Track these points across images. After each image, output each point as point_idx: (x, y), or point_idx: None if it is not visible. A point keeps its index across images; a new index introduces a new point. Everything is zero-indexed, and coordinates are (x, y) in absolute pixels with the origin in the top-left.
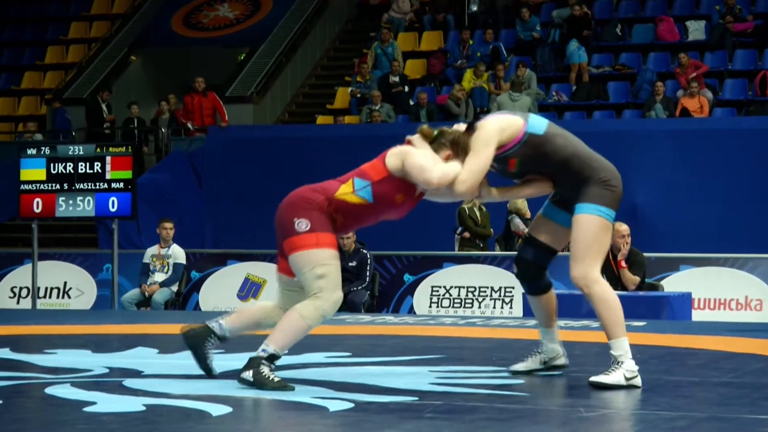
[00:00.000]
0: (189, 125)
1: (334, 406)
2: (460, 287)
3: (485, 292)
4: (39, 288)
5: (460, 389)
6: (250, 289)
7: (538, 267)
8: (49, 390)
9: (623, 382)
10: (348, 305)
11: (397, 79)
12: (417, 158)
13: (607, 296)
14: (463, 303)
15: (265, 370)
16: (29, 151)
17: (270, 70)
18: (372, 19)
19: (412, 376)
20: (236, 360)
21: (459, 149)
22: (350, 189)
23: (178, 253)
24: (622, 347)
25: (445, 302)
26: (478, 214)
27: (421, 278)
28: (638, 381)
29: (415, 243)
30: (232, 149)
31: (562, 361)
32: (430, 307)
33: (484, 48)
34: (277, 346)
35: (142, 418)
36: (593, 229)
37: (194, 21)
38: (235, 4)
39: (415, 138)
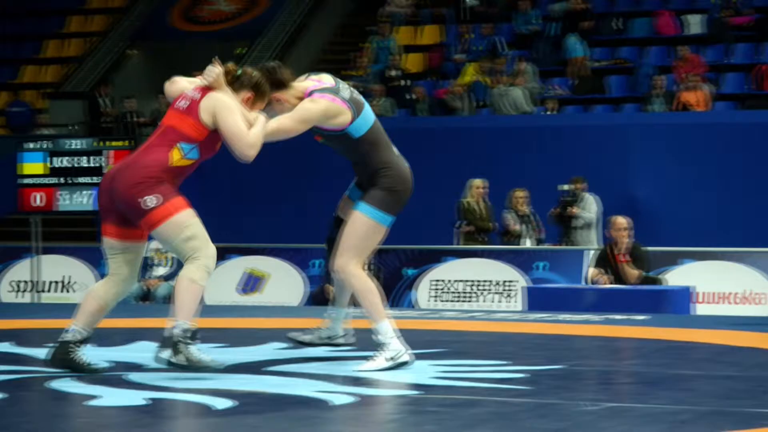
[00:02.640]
0: None
1: (337, 399)
2: (461, 281)
3: (486, 285)
4: (41, 282)
5: (462, 383)
6: (251, 283)
7: None
8: (51, 384)
9: (388, 365)
10: (350, 300)
11: (395, 73)
12: (232, 124)
13: (365, 286)
14: (464, 297)
15: (192, 350)
16: (29, 145)
17: None
18: (370, 13)
19: (414, 370)
20: (242, 354)
21: (260, 94)
22: (180, 155)
23: None
24: (385, 331)
25: (446, 296)
26: (479, 207)
27: (422, 272)
28: (406, 357)
29: (415, 237)
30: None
31: (341, 340)
32: (431, 301)
33: (483, 42)
34: (187, 318)
35: (144, 412)
36: (365, 229)
37: (192, 15)
38: None
39: (216, 76)
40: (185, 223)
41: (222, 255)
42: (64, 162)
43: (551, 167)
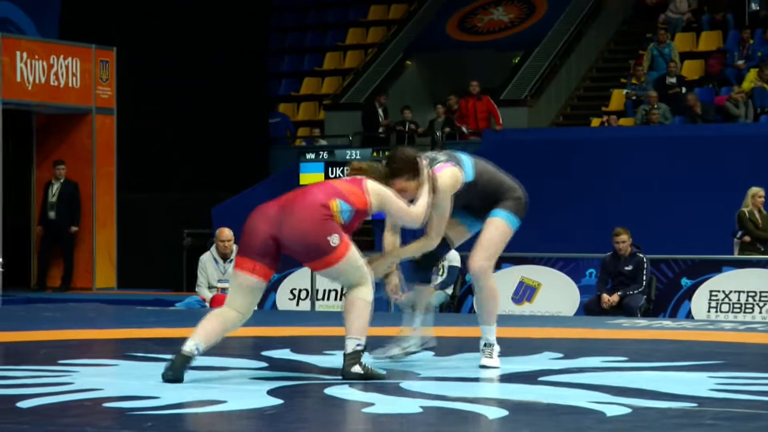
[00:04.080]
0: (464, 129)
1: (612, 410)
2: (740, 292)
3: (766, 297)
4: (318, 290)
5: (741, 396)
6: (524, 293)
7: (437, 258)
8: (328, 390)
9: (499, 362)
10: (624, 309)
11: (673, 80)
12: (396, 208)
13: (496, 289)
14: (743, 308)
15: (368, 363)
16: (308, 156)
17: (544, 73)
18: (648, 20)
19: (690, 381)
20: (516, 363)
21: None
22: (338, 209)
23: (453, 256)
24: (494, 333)
25: (725, 307)
26: (758, 217)
27: (699, 282)
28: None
29: (692, 246)
30: (506, 152)
31: (433, 343)
32: (709, 311)
33: (765, 47)
34: (363, 335)
35: (419, 420)
36: (504, 235)
37: (469, 25)
38: (509, 7)
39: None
40: (356, 255)
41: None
42: (342, 172)
43: None
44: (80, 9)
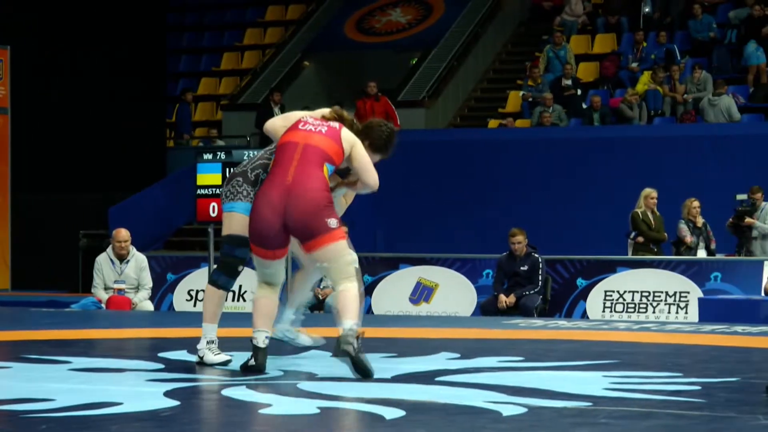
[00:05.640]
0: None
1: (507, 410)
2: (633, 292)
3: (659, 296)
4: None
5: (635, 395)
6: (421, 293)
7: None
8: (225, 392)
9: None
10: (520, 309)
11: (569, 82)
12: (367, 159)
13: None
14: (637, 308)
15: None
16: (205, 156)
17: (442, 74)
18: (544, 22)
19: (585, 381)
20: (412, 363)
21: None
22: (326, 174)
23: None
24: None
25: (619, 307)
26: (651, 218)
27: (594, 282)
28: None
29: (587, 247)
30: (404, 153)
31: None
32: (604, 311)
33: (658, 50)
34: (358, 319)
35: (316, 421)
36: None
37: (367, 26)
38: (407, 8)
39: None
40: (349, 248)
41: (394, 264)
42: None
43: (727, 176)
44: None
